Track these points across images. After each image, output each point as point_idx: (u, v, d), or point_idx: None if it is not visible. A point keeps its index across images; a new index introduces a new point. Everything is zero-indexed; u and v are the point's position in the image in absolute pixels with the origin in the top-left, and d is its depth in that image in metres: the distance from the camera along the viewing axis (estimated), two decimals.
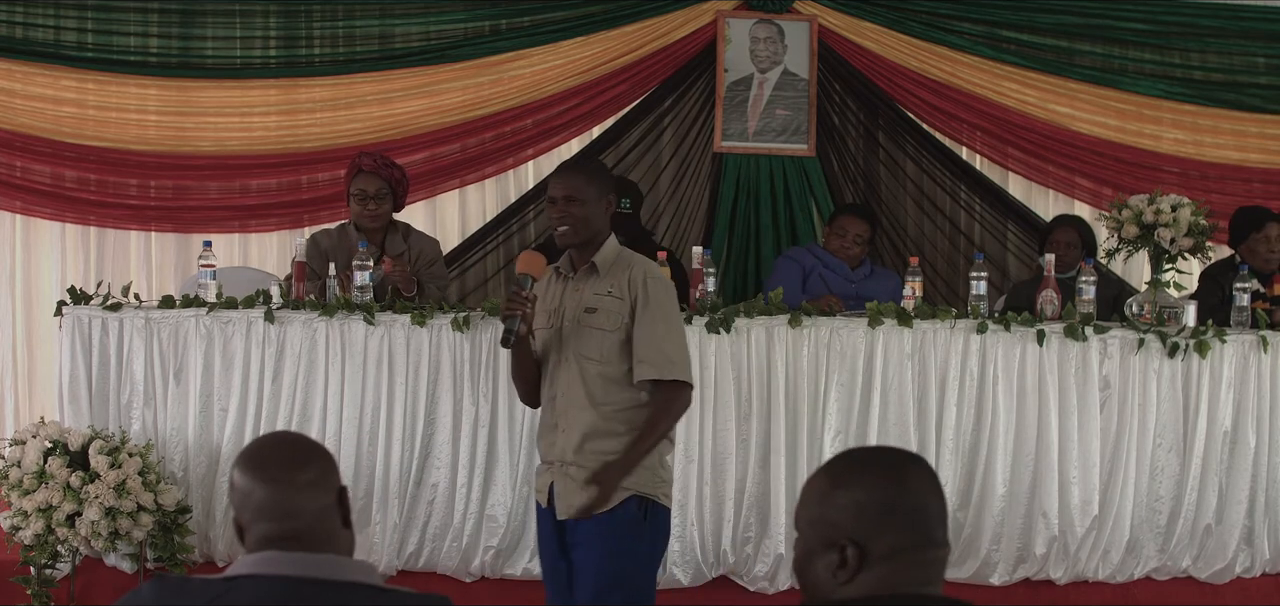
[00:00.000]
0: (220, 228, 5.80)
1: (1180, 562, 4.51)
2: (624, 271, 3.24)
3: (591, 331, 3.19)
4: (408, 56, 5.90)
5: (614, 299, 3.20)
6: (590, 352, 3.18)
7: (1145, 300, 4.65)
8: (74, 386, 4.37)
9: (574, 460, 3.18)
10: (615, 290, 3.21)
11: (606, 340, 3.18)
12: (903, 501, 1.75)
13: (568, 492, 3.18)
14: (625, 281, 3.22)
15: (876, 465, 1.83)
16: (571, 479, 3.18)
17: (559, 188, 3.25)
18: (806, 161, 6.04)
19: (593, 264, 3.24)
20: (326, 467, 1.96)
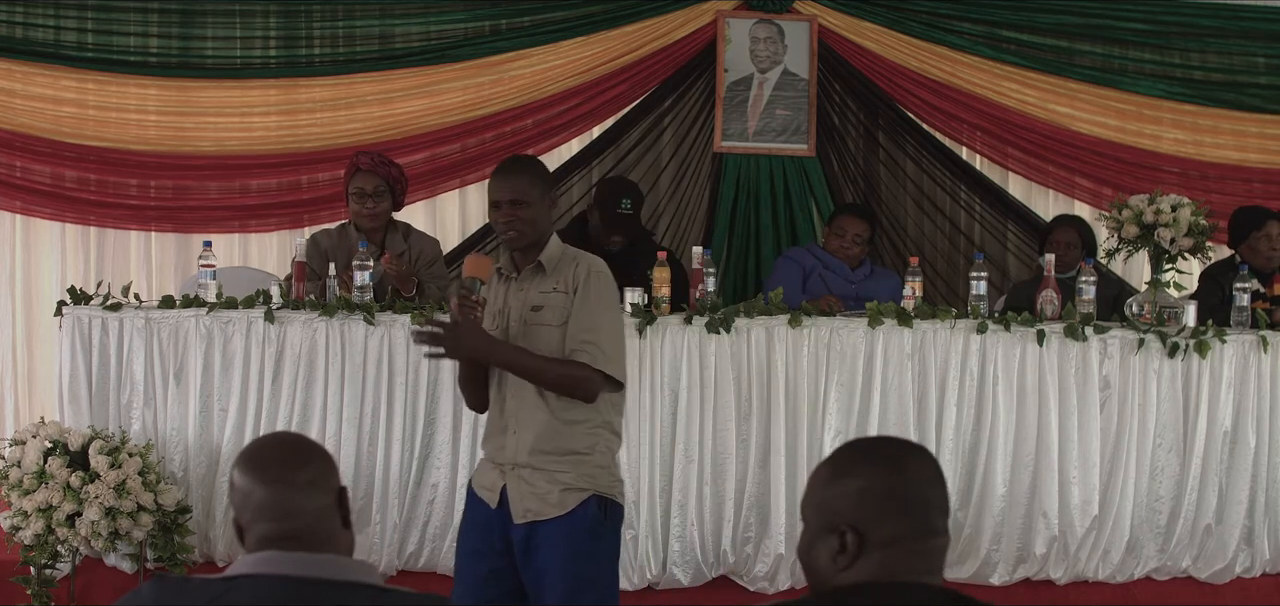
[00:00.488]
0: (220, 228, 5.80)
1: (1180, 562, 4.51)
2: (569, 267, 3.23)
3: (539, 329, 3.16)
4: (408, 56, 5.90)
5: (559, 294, 3.18)
6: (540, 350, 3.15)
7: (1145, 300, 4.65)
8: (74, 386, 4.37)
9: (528, 462, 3.13)
10: (560, 286, 3.19)
11: (554, 336, 3.15)
12: (903, 489, 1.78)
13: (523, 496, 3.14)
14: (570, 275, 3.20)
15: (877, 453, 1.86)
16: (525, 482, 3.14)
17: (504, 192, 3.20)
18: (806, 161, 6.04)
19: (539, 263, 3.22)
20: (326, 468, 1.96)
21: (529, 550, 3.14)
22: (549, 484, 3.12)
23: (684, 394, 4.30)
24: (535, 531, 3.13)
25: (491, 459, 3.22)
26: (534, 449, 3.13)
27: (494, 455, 3.21)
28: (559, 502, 3.11)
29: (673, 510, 4.32)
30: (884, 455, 1.85)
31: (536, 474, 3.12)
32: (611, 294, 3.25)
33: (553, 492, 3.11)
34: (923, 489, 1.79)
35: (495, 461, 3.20)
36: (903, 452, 1.85)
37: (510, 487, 3.15)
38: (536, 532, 3.12)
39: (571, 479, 3.12)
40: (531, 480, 3.13)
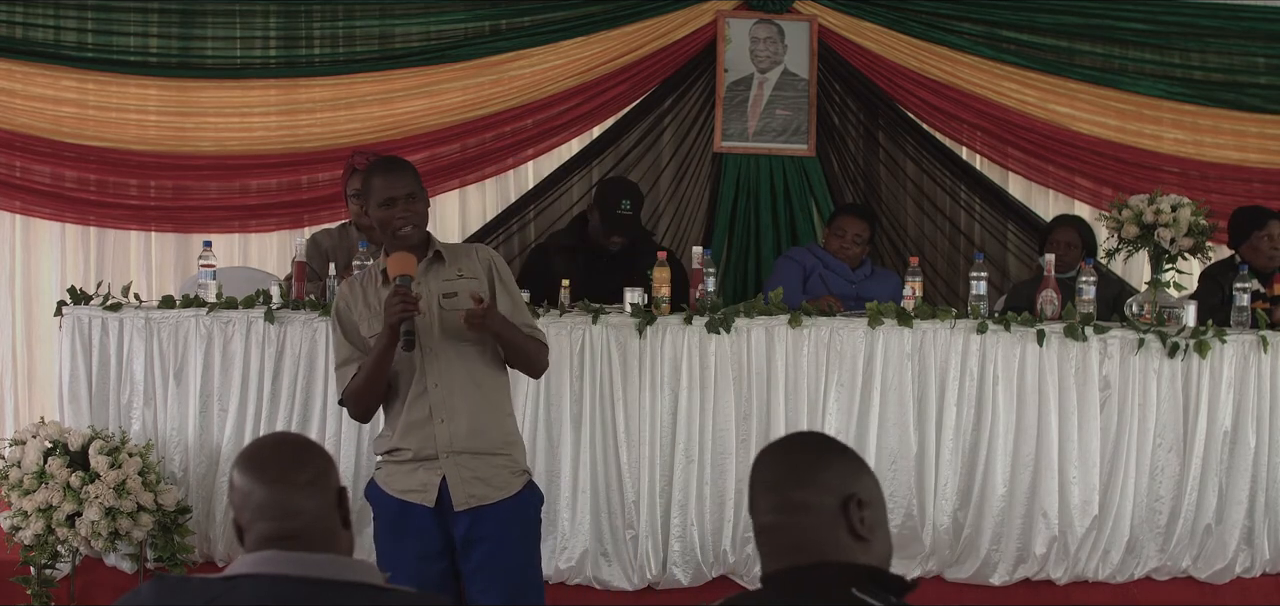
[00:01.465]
0: (220, 228, 5.80)
1: (1180, 562, 4.51)
2: (468, 255, 3.34)
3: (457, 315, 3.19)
4: (408, 56, 5.90)
5: (468, 280, 3.25)
6: (466, 336, 3.19)
7: (1145, 300, 4.65)
8: (74, 386, 4.37)
9: (466, 448, 3.16)
10: (467, 272, 3.27)
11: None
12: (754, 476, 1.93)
13: (466, 482, 3.16)
14: (475, 263, 3.30)
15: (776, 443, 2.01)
16: (466, 468, 3.16)
17: (399, 187, 3.21)
18: (806, 161, 6.04)
19: (438, 253, 3.28)
20: (325, 468, 1.96)
21: (472, 538, 3.15)
22: (492, 469, 3.17)
23: (684, 394, 4.30)
24: (479, 517, 3.15)
25: (416, 457, 3.20)
26: (472, 434, 3.17)
27: (419, 451, 3.19)
28: (505, 485, 3.18)
29: (673, 510, 4.32)
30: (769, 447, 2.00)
31: (477, 459, 3.17)
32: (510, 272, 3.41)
33: (499, 475, 3.17)
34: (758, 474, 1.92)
35: (421, 457, 3.19)
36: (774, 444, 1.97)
37: (450, 477, 3.15)
38: (481, 517, 3.15)
39: (512, 461, 3.23)
40: (473, 466, 3.16)
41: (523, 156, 6.04)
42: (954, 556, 4.43)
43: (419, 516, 3.19)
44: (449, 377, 3.19)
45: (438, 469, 3.18)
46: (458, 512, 3.16)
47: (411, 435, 3.21)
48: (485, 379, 3.24)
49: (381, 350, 3.15)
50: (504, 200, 6.10)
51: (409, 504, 3.20)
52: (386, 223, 3.23)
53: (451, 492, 3.16)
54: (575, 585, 4.33)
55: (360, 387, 3.25)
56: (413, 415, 3.21)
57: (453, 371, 3.19)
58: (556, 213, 5.99)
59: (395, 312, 3.08)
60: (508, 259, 5.94)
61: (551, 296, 4.50)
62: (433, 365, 3.19)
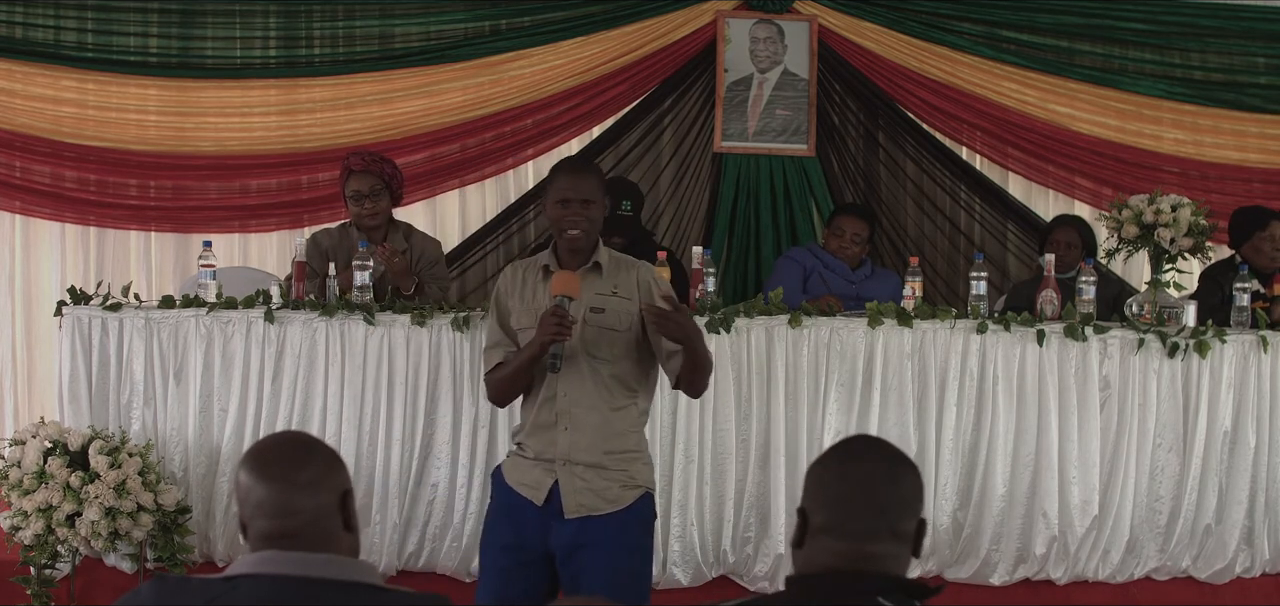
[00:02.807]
0: (220, 228, 5.80)
1: (1180, 562, 4.51)
2: (628, 271, 3.29)
3: (603, 332, 3.20)
4: (408, 56, 5.90)
5: (620, 299, 3.23)
6: (602, 353, 3.20)
7: (1145, 300, 4.65)
8: (74, 386, 4.37)
9: (584, 459, 3.18)
10: (621, 290, 3.24)
11: (619, 340, 3.22)
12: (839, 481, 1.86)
13: (578, 491, 3.17)
14: (633, 282, 3.26)
15: (844, 445, 1.96)
16: (581, 478, 3.18)
17: (577, 190, 3.22)
18: (806, 161, 6.04)
19: (596, 264, 3.26)
20: (329, 468, 1.95)
21: (577, 545, 3.16)
22: (607, 481, 3.18)
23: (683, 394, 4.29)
24: (587, 526, 3.16)
25: (536, 456, 3.23)
26: (592, 446, 3.18)
27: (540, 452, 3.23)
28: (617, 499, 3.18)
29: (673, 510, 4.31)
30: (843, 449, 1.94)
31: (592, 471, 3.18)
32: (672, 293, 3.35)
33: (611, 488, 3.17)
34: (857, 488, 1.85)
35: (541, 458, 3.22)
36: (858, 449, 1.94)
37: (563, 483, 3.18)
38: (589, 527, 3.16)
39: (629, 476, 3.21)
40: (587, 477, 3.18)
41: (523, 156, 6.05)
42: (954, 556, 4.43)
43: (525, 510, 3.22)
44: (579, 389, 3.20)
45: (553, 472, 3.20)
46: (566, 519, 3.18)
47: (536, 436, 3.25)
48: (616, 395, 3.23)
49: (527, 359, 3.19)
50: (504, 200, 6.10)
51: (519, 496, 3.24)
52: (557, 221, 3.25)
53: (563, 499, 3.18)
54: None
55: (502, 381, 3.30)
56: (540, 418, 3.25)
57: (584, 383, 3.20)
58: None
59: (548, 332, 3.10)
60: (507, 259, 5.98)
61: None
62: (567, 375, 3.20)
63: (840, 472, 1.88)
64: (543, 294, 3.25)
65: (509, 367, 3.26)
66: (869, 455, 1.92)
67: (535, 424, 3.26)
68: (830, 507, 1.84)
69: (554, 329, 3.09)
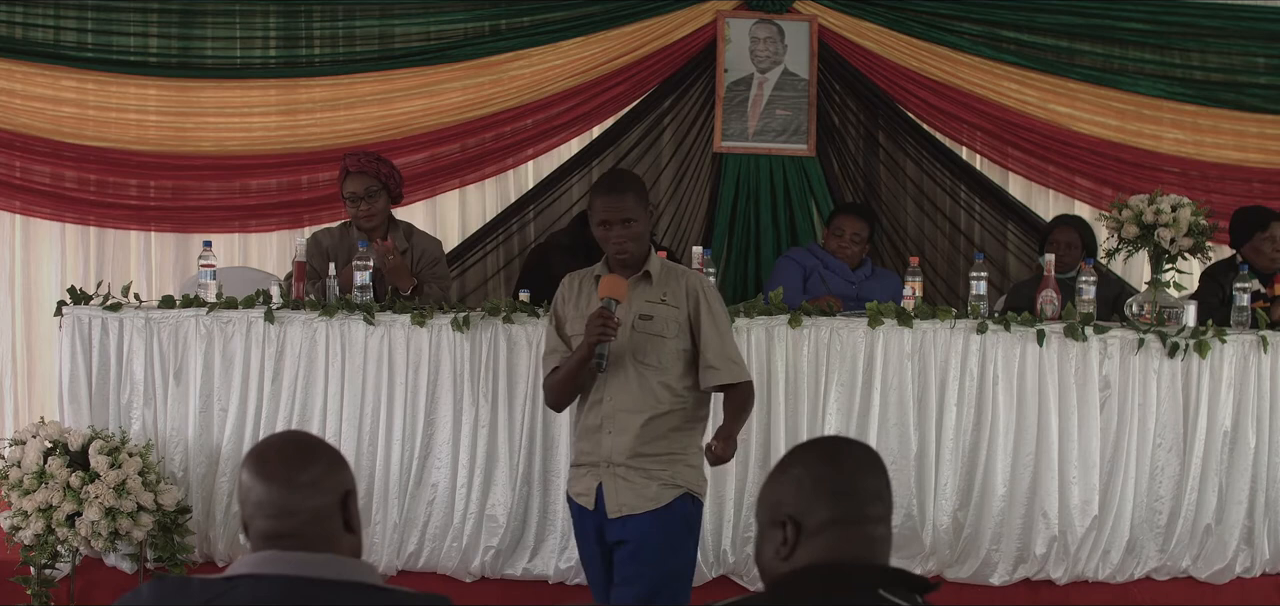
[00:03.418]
0: (220, 228, 5.81)
1: (1180, 562, 4.51)
2: (677, 280, 3.39)
3: (650, 338, 3.30)
4: (408, 56, 5.90)
5: (669, 307, 3.33)
6: (649, 359, 3.30)
7: (1145, 300, 4.65)
8: (74, 386, 4.37)
9: (625, 462, 3.28)
10: (670, 298, 3.34)
11: (666, 347, 3.31)
12: (834, 477, 1.86)
13: (619, 491, 3.28)
14: (682, 290, 3.36)
15: (814, 447, 1.97)
16: (622, 478, 3.28)
17: (616, 211, 3.31)
18: (806, 161, 6.04)
19: (647, 273, 3.36)
20: (331, 469, 1.95)
21: (619, 541, 3.28)
22: (646, 481, 3.27)
23: None
24: (628, 524, 3.27)
25: (584, 461, 3.36)
26: (632, 450, 3.27)
27: (587, 456, 3.35)
28: (655, 497, 3.27)
29: None
30: (819, 448, 1.96)
31: (633, 472, 3.27)
32: (723, 304, 3.45)
33: (650, 487, 3.26)
34: (855, 477, 1.87)
35: (588, 463, 3.34)
36: (837, 445, 1.96)
37: (606, 485, 3.29)
38: (630, 525, 3.27)
39: (667, 477, 3.29)
40: (628, 477, 3.28)
41: (523, 156, 6.05)
42: (954, 556, 4.43)
43: (585, 518, 3.37)
44: (624, 393, 3.30)
45: (598, 475, 3.32)
46: (611, 519, 3.30)
47: (584, 439, 3.39)
48: (662, 400, 3.31)
49: (576, 361, 3.30)
50: (504, 200, 6.10)
51: (578, 506, 3.39)
52: (602, 242, 3.36)
53: (605, 500, 3.30)
54: (575, 585, 4.32)
55: (556, 384, 3.41)
56: (587, 421, 3.37)
57: (629, 387, 3.30)
58: (556, 213, 5.99)
59: (594, 333, 3.21)
60: (507, 259, 5.98)
61: (551, 296, 4.49)
62: (613, 379, 3.31)
63: (835, 467, 1.89)
64: (596, 301, 3.35)
65: (559, 373, 3.39)
66: (857, 452, 1.95)
67: (583, 428, 3.39)
68: (836, 500, 1.84)
69: (599, 329, 3.20)
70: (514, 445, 4.31)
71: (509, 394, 4.30)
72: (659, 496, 3.28)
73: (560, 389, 3.40)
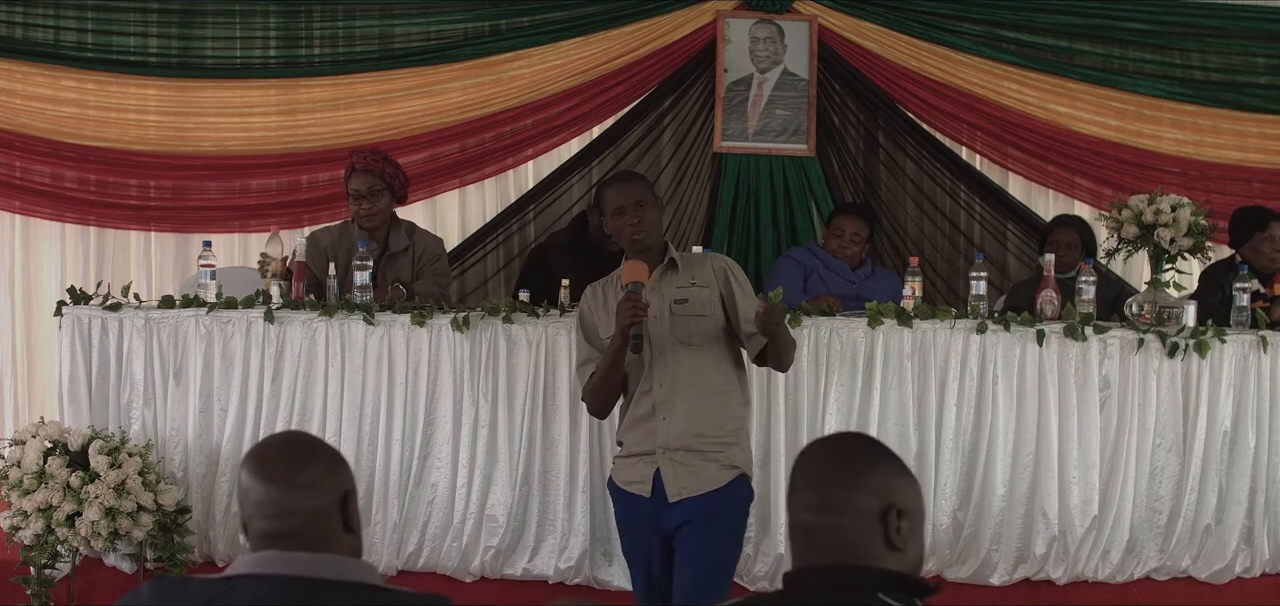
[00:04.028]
0: (220, 228, 5.81)
1: (1180, 562, 4.51)
2: (701, 263, 3.50)
3: (691, 320, 3.38)
4: (408, 56, 5.90)
5: (700, 288, 3.42)
6: (694, 340, 3.38)
7: (1145, 300, 4.65)
8: (74, 386, 4.37)
9: (682, 445, 3.34)
10: (699, 280, 3.44)
11: (706, 326, 3.40)
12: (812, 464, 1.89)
13: (678, 476, 3.33)
14: (708, 270, 3.46)
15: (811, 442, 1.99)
16: (680, 464, 3.33)
17: (630, 196, 3.43)
18: (806, 161, 6.04)
19: (671, 261, 3.44)
20: (330, 469, 1.95)
21: (682, 524, 3.33)
22: (704, 463, 3.34)
23: None
24: (688, 506, 3.32)
25: (636, 451, 3.40)
26: (687, 432, 3.34)
27: (639, 446, 3.40)
28: (714, 479, 3.33)
29: None
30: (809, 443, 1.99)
31: (691, 455, 3.34)
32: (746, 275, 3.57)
33: (709, 469, 3.33)
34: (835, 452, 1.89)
35: (641, 452, 3.39)
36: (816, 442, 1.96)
37: (664, 471, 3.34)
38: (690, 507, 3.32)
39: (724, 459, 3.36)
40: (687, 461, 3.34)
41: (523, 156, 6.05)
42: (954, 556, 4.43)
43: (640, 506, 3.40)
44: (673, 378, 3.37)
45: (654, 462, 3.37)
46: (671, 503, 3.34)
47: (634, 430, 3.43)
48: (711, 381, 3.40)
49: (614, 352, 3.35)
50: (504, 200, 6.10)
51: (633, 495, 3.41)
52: (619, 232, 3.44)
53: (665, 485, 3.34)
54: (575, 584, 4.33)
55: (596, 385, 3.45)
56: (637, 411, 3.42)
57: (678, 373, 3.37)
58: (556, 213, 5.99)
59: (625, 317, 3.26)
60: (507, 259, 5.98)
61: (551, 296, 4.50)
62: (660, 366, 3.38)
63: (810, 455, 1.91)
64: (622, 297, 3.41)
65: (599, 370, 3.43)
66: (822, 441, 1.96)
67: (633, 419, 3.43)
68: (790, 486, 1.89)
69: (630, 312, 3.25)
70: (514, 445, 4.31)
71: (509, 394, 4.30)
72: (717, 477, 3.35)
73: (602, 388, 3.44)
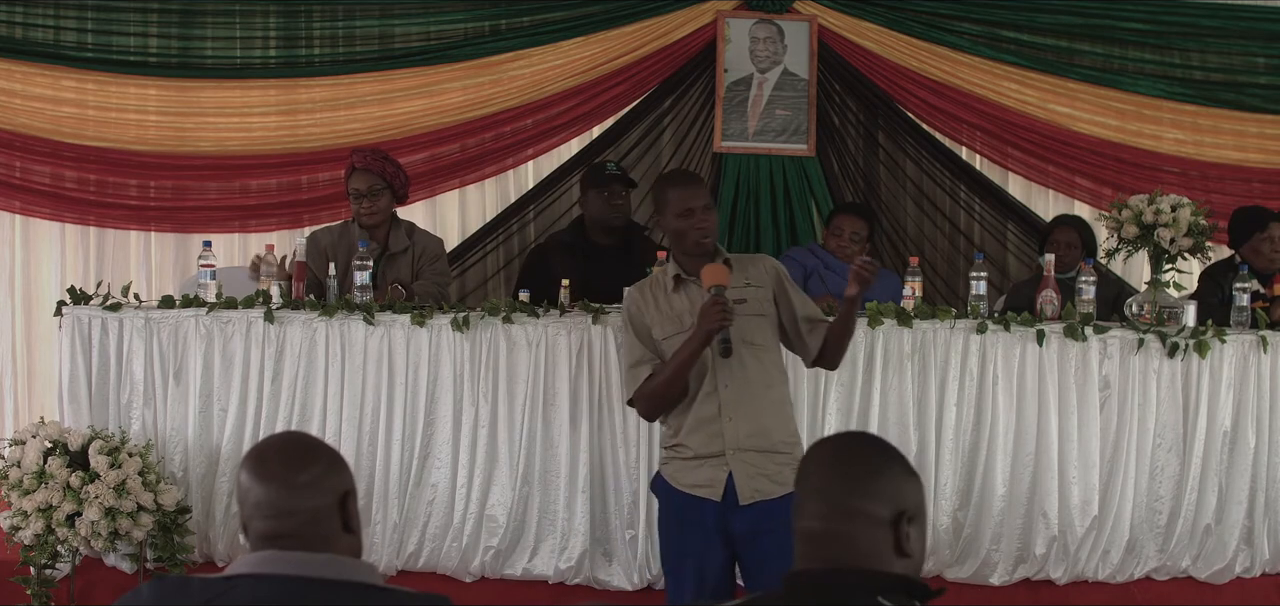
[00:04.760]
0: (220, 228, 5.81)
1: (1180, 562, 4.51)
2: (753, 264, 3.54)
3: (753, 319, 3.40)
4: (408, 56, 5.90)
5: (755, 288, 3.46)
6: (756, 338, 3.40)
7: (1145, 300, 4.65)
8: (74, 386, 4.37)
9: (752, 446, 3.35)
10: (753, 280, 3.47)
11: (765, 325, 3.43)
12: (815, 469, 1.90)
13: (752, 477, 3.34)
14: (760, 270, 3.50)
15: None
16: (752, 465, 3.34)
17: (700, 198, 3.44)
18: (806, 161, 6.04)
19: (726, 262, 3.45)
20: (330, 470, 1.95)
21: (758, 530, 3.32)
22: (778, 465, 3.35)
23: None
24: (764, 511, 3.32)
25: (703, 453, 3.38)
26: (757, 432, 3.36)
27: (707, 448, 3.38)
28: (787, 482, 3.31)
29: None
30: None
31: (762, 456, 3.35)
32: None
33: (783, 472, 3.33)
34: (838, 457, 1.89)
35: (709, 454, 3.37)
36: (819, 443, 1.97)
37: (736, 473, 3.34)
38: (766, 511, 3.32)
39: (793, 459, 3.34)
40: (759, 463, 3.35)
41: (523, 156, 6.05)
42: (954, 556, 4.43)
43: (705, 509, 3.37)
44: (738, 378, 3.37)
45: (724, 465, 3.35)
46: (742, 507, 3.33)
47: (697, 432, 3.40)
48: (772, 380, 3.43)
49: (690, 354, 3.33)
50: (504, 200, 6.10)
51: (696, 497, 3.38)
52: (683, 233, 3.43)
53: (738, 488, 3.34)
54: (575, 585, 4.33)
55: (660, 388, 3.41)
56: (701, 412, 3.40)
57: (743, 371, 3.37)
58: (556, 213, 5.99)
59: (714, 320, 3.25)
60: (507, 259, 5.98)
61: (551, 296, 4.50)
62: (723, 366, 3.36)
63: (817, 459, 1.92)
64: (678, 302, 3.44)
65: (665, 372, 3.39)
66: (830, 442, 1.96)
67: (696, 420, 3.40)
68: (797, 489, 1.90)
69: (719, 315, 3.25)
70: (514, 445, 4.31)
71: (509, 394, 4.30)
72: (789, 480, 3.35)
73: (666, 391, 3.40)
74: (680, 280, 3.45)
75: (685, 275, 3.45)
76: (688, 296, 3.43)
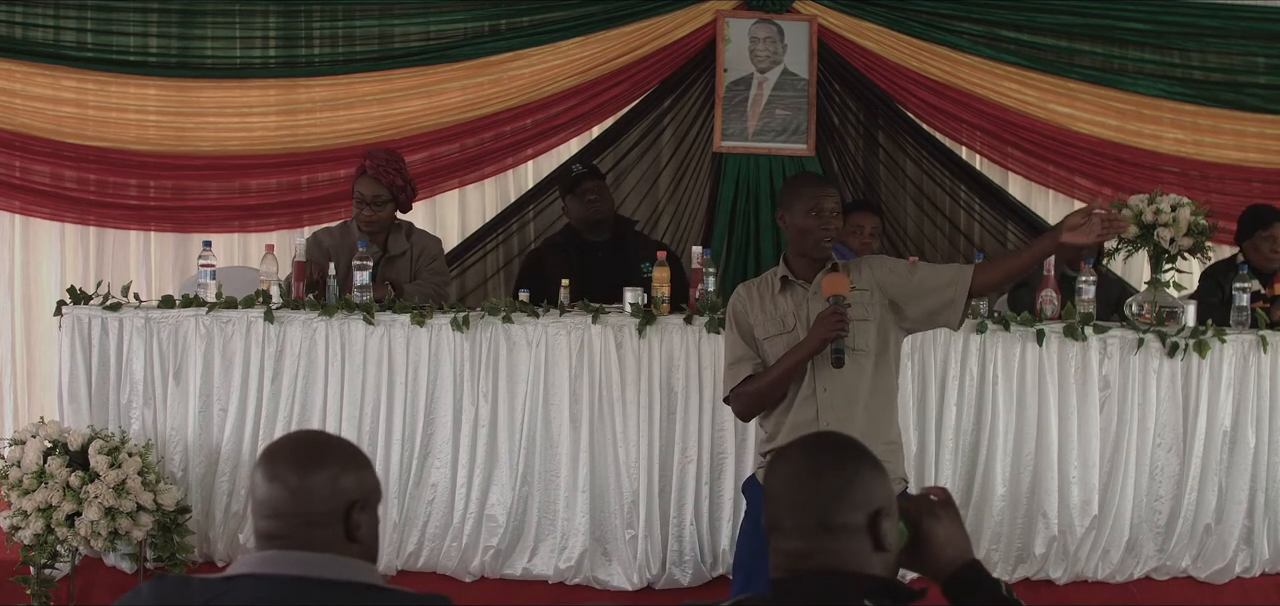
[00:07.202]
0: (220, 228, 5.81)
1: (1180, 562, 4.51)
2: (857, 268, 3.50)
3: (855, 324, 3.37)
4: (408, 56, 5.90)
5: (861, 292, 3.44)
6: (858, 343, 3.39)
7: (1145, 300, 4.65)
8: (74, 386, 4.37)
9: None
10: (857, 283, 3.44)
11: (870, 330, 3.41)
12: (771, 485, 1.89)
13: None
14: (867, 276, 3.47)
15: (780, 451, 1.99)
16: None
17: (833, 199, 3.45)
18: (806, 161, 6.04)
19: (835, 264, 3.45)
20: (339, 474, 1.90)
21: None
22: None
23: (683, 394, 4.30)
24: None
25: None
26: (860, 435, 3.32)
27: None
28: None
29: (672, 510, 4.32)
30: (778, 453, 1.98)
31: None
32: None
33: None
34: (788, 484, 1.87)
35: None
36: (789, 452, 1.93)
37: None
38: None
39: (892, 466, 3.35)
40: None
41: (523, 156, 6.05)
42: None
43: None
44: (837, 383, 3.37)
45: None
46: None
47: (795, 435, 3.36)
48: (873, 386, 3.40)
49: (801, 359, 3.36)
50: (504, 200, 6.10)
51: None
52: (808, 232, 3.43)
53: None
54: (575, 585, 4.33)
55: (764, 390, 3.44)
56: (799, 416, 3.41)
57: (843, 378, 3.36)
58: (556, 212, 5.99)
59: (831, 329, 3.29)
60: (507, 259, 5.98)
61: (550, 297, 4.50)
62: (823, 371, 3.37)
63: (772, 475, 1.91)
64: (783, 303, 3.45)
65: (771, 375, 3.41)
66: (794, 456, 1.91)
67: (794, 424, 3.40)
68: (769, 507, 1.89)
69: (836, 325, 3.26)
70: (514, 445, 4.31)
71: (509, 394, 4.30)
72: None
73: (768, 393, 3.43)
74: (787, 282, 3.48)
75: (793, 278, 3.47)
76: (793, 299, 3.45)
